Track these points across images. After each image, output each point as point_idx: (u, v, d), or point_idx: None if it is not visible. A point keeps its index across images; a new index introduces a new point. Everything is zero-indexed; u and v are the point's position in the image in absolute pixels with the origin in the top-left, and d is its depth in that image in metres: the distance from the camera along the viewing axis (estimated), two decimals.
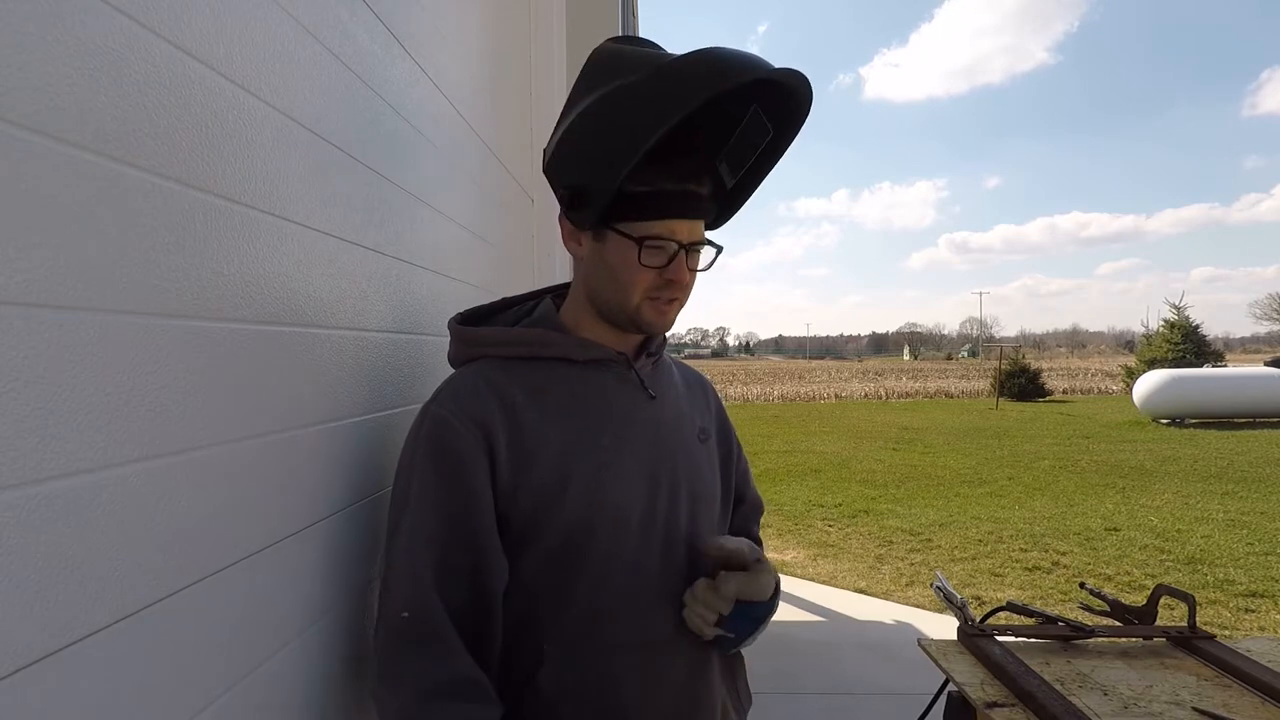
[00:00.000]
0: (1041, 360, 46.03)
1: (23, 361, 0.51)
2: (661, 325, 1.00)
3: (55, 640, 0.54)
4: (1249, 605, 4.56)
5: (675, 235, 0.94)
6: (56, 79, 0.54)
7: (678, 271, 0.95)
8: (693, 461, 1.05)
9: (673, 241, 0.94)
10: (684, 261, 0.95)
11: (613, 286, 0.97)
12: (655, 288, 0.96)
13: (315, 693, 0.93)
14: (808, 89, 0.94)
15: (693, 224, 0.96)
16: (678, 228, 0.94)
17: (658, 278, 0.95)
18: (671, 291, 0.97)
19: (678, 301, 0.99)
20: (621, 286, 0.96)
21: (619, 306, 0.98)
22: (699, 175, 0.96)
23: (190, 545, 0.69)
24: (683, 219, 0.94)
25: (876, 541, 6.17)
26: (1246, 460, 9.93)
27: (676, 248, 0.95)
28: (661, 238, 0.93)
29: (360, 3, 1.10)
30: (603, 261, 0.98)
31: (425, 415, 0.96)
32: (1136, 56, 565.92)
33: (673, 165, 0.93)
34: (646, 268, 0.94)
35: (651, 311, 0.98)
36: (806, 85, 0.94)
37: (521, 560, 0.95)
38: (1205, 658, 1.29)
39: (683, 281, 0.96)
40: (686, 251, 0.95)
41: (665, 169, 0.93)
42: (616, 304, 0.98)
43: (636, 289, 0.96)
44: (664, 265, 0.95)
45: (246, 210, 0.79)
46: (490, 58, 1.96)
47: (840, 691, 3.19)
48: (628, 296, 0.96)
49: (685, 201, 0.94)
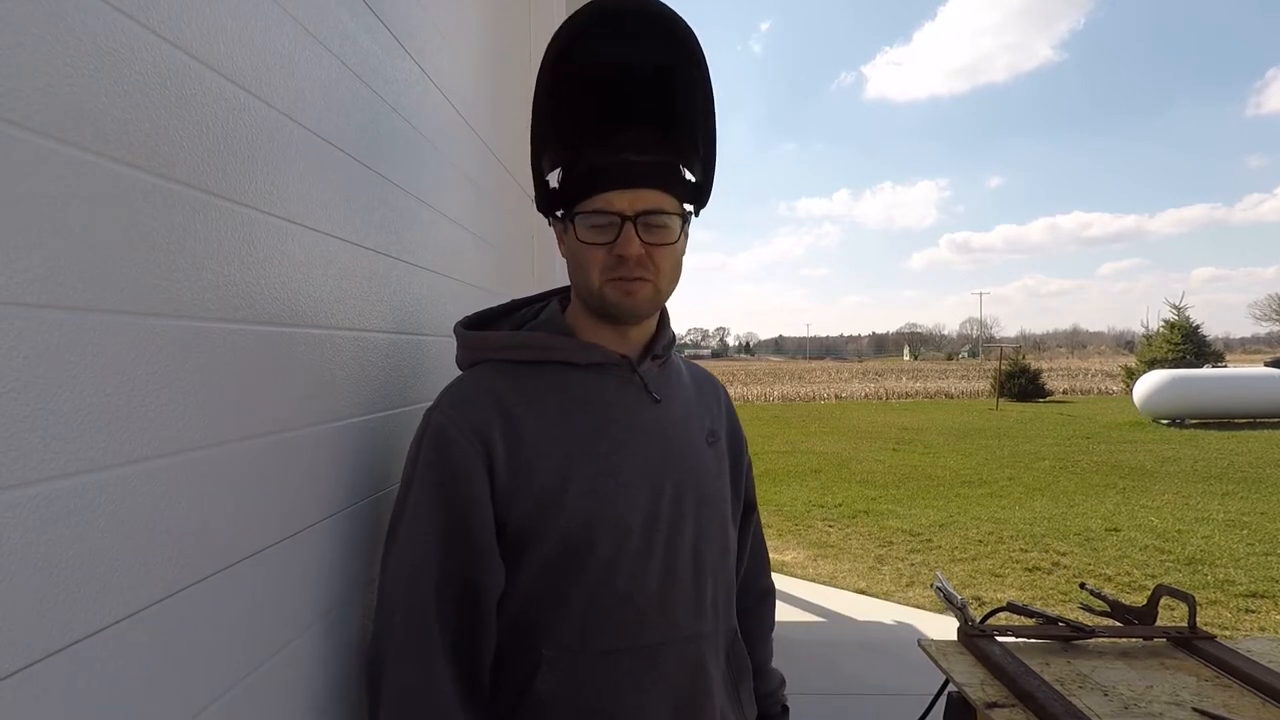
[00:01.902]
0: (1041, 361, 46.02)
1: (23, 361, 0.51)
2: (629, 306, 0.97)
3: (56, 640, 0.54)
4: (1249, 605, 4.56)
5: (613, 206, 0.93)
6: (56, 79, 0.54)
7: (623, 245, 0.93)
8: (700, 465, 1.04)
9: (612, 214, 0.93)
10: (632, 233, 0.93)
11: (578, 273, 0.99)
12: (610, 266, 0.95)
13: (318, 692, 0.93)
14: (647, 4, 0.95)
15: (636, 194, 0.94)
16: (615, 199, 0.93)
17: (608, 255, 0.95)
18: (626, 268, 0.94)
19: (643, 281, 0.96)
20: (583, 271, 0.97)
21: (588, 293, 0.98)
22: (639, 145, 0.95)
23: (191, 545, 0.69)
24: (621, 189, 0.94)
25: (876, 542, 6.17)
26: (1246, 460, 9.93)
27: (619, 219, 0.93)
28: (600, 211, 0.94)
29: (361, 3, 1.10)
30: (567, 251, 1.00)
31: (428, 421, 0.96)
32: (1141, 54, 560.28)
33: (607, 139, 0.95)
34: (593, 245, 0.95)
35: (615, 292, 0.96)
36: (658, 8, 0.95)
37: (520, 565, 0.94)
38: (1205, 658, 1.29)
39: (630, 254, 0.93)
40: (635, 223, 0.93)
41: (599, 144, 0.95)
42: (586, 291, 0.99)
43: (593, 269, 0.95)
44: (611, 240, 0.94)
45: (247, 211, 0.79)
46: (490, 58, 1.96)
47: (840, 691, 3.18)
48: (589, 279, 0.96)
49: (621, 171, 0.94)
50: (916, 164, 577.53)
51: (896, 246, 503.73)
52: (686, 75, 0.97)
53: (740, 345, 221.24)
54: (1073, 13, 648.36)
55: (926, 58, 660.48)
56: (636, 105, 0.97)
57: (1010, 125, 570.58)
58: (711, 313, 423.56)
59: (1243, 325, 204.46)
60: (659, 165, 0.96)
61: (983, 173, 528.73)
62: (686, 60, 0.97)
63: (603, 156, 0.95)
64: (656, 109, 0.97)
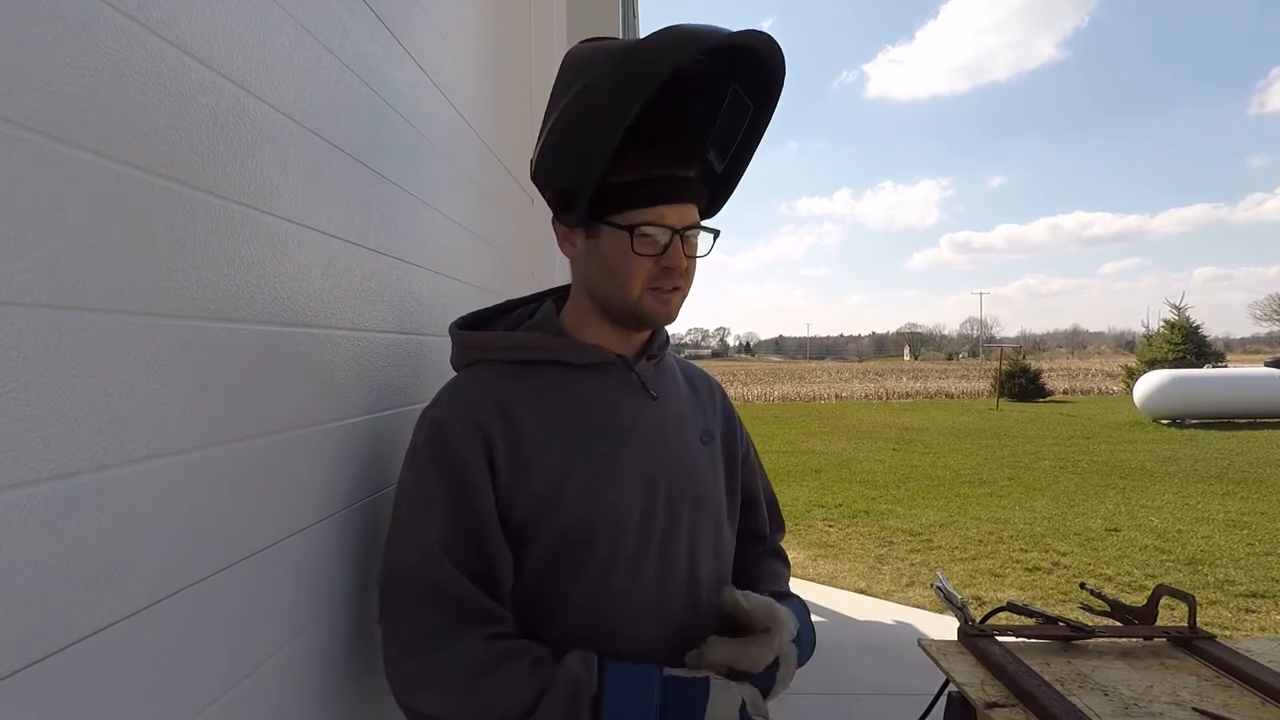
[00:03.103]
0: (1042, 361, 46.02)
1: (23, 361, 0.51)
2: (665, 316, 0.99)
3: (56, 640, 0.54)
4: (1249, 605, 4.55)
5: (666, 220, 0.94)
6: (56, 79, 0.54)
7: (674, 258, 0.95)
8: (695, 464, 1.05)
9: (664, 227, 0.94)
10: (679, 247, 0.95)
11: (611, 281, 0.97)
12: (654, 277, 0.96)
13: (318, 691, 0.93)
14: (776, 50, 0.95)
15: (683, 209, 0.95)
16: (668, 213, 0.94)
17: (655, 266, 0.95)
18: (671, 280, 0.96)
19: (679, 291, 0.98)
20: (620, 280, 0.96)
21: (620, 301, 0.98)
22: (685, 160, 0.96)
23: (191, 545, 0.69)
24: (672, 204, 0.94)
25: (877, 542, 6.17)
26: (1246, 460, 9.93)
27: (670, 234, 0.94)
28: (652, 224, 0.94)
29: (361, 3, 1.10)
30: (598, 257, 0.98)
31: (424, 420, 0.96)
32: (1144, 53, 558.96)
33: (657, 152, 0.94)
34: (641, 256, 0.94)
35: (654, 302, 0.97)
36: (774, 46, 0.95)
37: (519, 563, 0.94)
38: (1205, 658, 1.29)
39: (680, 267, 0.95)
40: (681, 237, 0.95)
41: (650, 156, 0.94)
42: (618, 299, 0.98)
43: (635, 280, 0.95)
44: (659, 253, 0.95)
45: (247, 210, 0.79)
46: (490, 58, 1.96)
47: (840, 691, 3.18)
48: (628, 289, 0.96)
49: (673, 186, 0.94)
50: (918, 163, 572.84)
51: (897, 246, 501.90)
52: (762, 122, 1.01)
53: (740, 345, 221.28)
54: (1077, 10, 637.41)
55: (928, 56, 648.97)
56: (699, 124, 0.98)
57: (1012, 124, 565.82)
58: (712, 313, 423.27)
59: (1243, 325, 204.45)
60: (699, 180, 0.99)
61: (984, 172, 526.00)
62: (768, 111, 1.00)
63: (654, 168, 0.94)
64: (721, 138, 1.00)
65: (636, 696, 0.86)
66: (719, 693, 0.89)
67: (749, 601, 0.97)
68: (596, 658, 0.88)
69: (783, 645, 0.96)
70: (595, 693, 0.85)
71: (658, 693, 0.87)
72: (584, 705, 0.84)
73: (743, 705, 0.90)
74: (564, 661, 0.87)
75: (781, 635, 0.95)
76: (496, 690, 0.84)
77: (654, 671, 0.90)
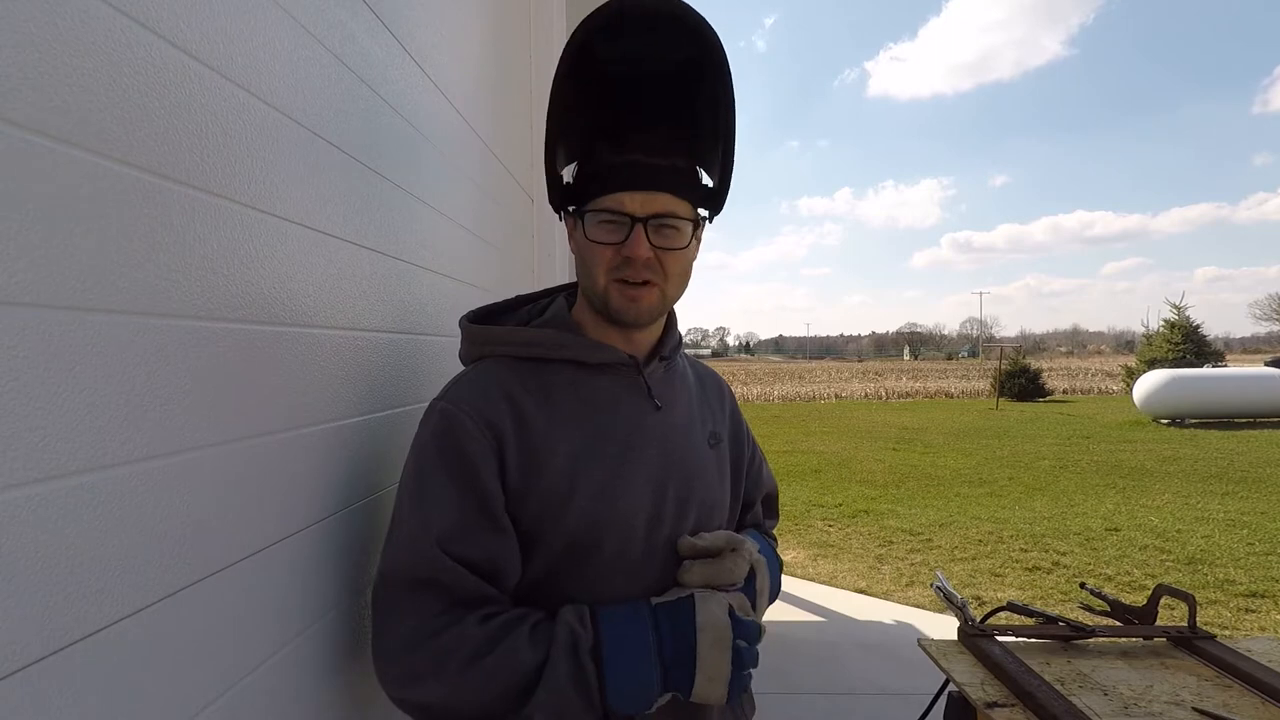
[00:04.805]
0: (1042, 360, 46.02)
1: (23, 361, 0.51)
2: (632, 313, 0.96)
3: (56, 640, 0.54)
4: (1249, 605, 4.55)
5: (624, 207, 0.92)
6: (56, 79, 0.54)
7: (632, 246, 0.92)
8: (702, 468, 1.04)
9: (622, 214, 0.92)
10: (641, 235, 0.92)
11: (583, 271, 0.98)
12: (615, 267, 0.94)
13: (318, 691, 0.93)
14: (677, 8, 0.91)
15: (649, 196, 0.93)
16: (626, 200, 0.92)
17: (615, 255, 0.94)
18: (633, 271, 0.93)
19: (650, 286, 0.95)
20: (589, 269, 0.96)
21: (592, 292, 0.98)
22: (652, 147, 0.94)
23: (190, 545, 0.69)
24: (634, 191, 0.92)
25: (876, 541, 6.17)
26: (1246, 460, 9.93)
27: (629, 220, 0.92)
28: (610, 210, 0.93)
29: (361, 3, 1.10)
30: (574, 248, 1.00)
31: (434, 412, 0.94)
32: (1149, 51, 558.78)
33: (622, 141, 0.94)
34: (600, 244, 0.94)
35: (620, 297, 0.95)
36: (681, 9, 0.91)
37: (524, 562, 0.94)
38: (1205, 658, 1.29)
39: (638, 256, 0.92)
40: (645, 226, 0.93)
41: (613, 144, 0.94)
42: (590, 290, 0.98)
43: (599, 269, 0.95)
44: (620, 241, 0.93)
45: (247, 210, 0.79)
46: (490, 58, 1.96)
47: (840, 691, 3.18)
48: (595, 279, 0.96)
49: (635, 173, 0.93)
50: (920, 162, 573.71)
51: (898, 246, 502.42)
52: (707, 77, 0.95)
53: (740, 345, 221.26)
54: (1083, 7, 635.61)
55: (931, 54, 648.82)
56: (654, 105, 0.95)
57: (1016, 123, 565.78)
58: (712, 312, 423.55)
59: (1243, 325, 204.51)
60: (673, 169, 0.95)
61: (986, 171, 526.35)
62: (708, 61, 0.94)
63: (616, 155, 0.94)
64: (675, 110, 0.96)
65: (631, 635, 0.88)
66: (704, 601, 0.91)
67: (705, 540, 0.99)
68: (588, 610, 0.90)
69: (752, 553, 1.00)
70: (593, 644, 0.87)
71: (650, 625, 0.89)
72: (586, 658, 0.85)
73: (731, 610, 0.92)
74: (560, 618, 0.88)
75: (747, 545, 1.00)
76: (499, 667, 0.84)
77: (642, 606, 0.92)
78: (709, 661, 0.88)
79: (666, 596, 0.93)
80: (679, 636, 0.88)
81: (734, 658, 0.89)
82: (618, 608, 0.91)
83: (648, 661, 0.87)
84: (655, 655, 0.87)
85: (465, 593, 0.87)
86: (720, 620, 0.89)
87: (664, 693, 0.88)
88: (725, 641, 0.88)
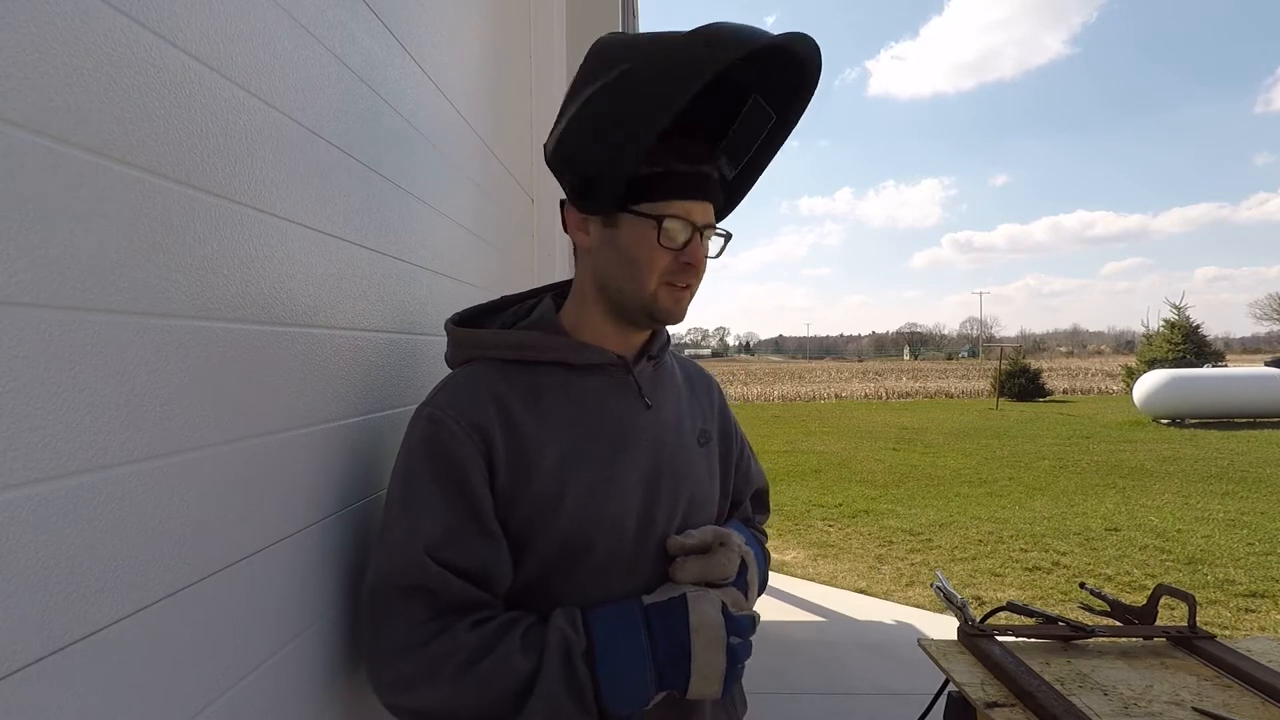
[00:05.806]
0: (1042, 360, 46.01)
1: (23, 361, 0.51)
2: (677, 313, 0.98)
3: (56, 640, 0.54)
4: (1249, 605, 4.55)
5: (690, 216, 0.93)
6: (56, 79, 0.54)
7: (694, 252, 0.94)
8: (692, 466, 1.04)
9: (688, 222, 0.93)
10: (699, 243, 0.95)
11: (627, 271, 0.95)
12: (671, 271, 0.95)
13: (317, 692, 0.93)
14: (815, 53, 0.93)
15: (705, 206, 0.95)
16: (692, 208, 0.94)
17: (674, 260, 0.94)
18: (687, 276, 0.95)
19: (691, 289, 0.98)
20: (637, 271, 0.95)
21: (633, 294, 0.96)
22: (707, 158, 0.96)
23: (190, 545, 0.69)
24: (696, 200, 0.94)
25: (876, 541, 6.17)
26: (1246, 460, 9.93)
27: (691, 229, 0.94)
28: (678, 217, 0.93)
29: (361, 3, 1.10)
30: (616, 247, 0.95)
31: (421, 418, 0.94)
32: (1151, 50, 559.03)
33: (684, 147, 0.93)
34: (664, 248, 0.93)
35: (668, 298, 0.96)
36: (813, 49, 0.92)
37: (515, 565, 0.94)
38: (1205, 658, 1.29)
39: (699, 264, 0.95)
40: (701, 234, 0.95)
41: (677, 150, 0.93)
42: (631, 291, 0.96)
43: (653, 272, 0.94)
44: (680, 247, 0.94)
45: (246, 210, 0.79)
46: (490, 58, 1.96)
47: (840, 691, 3.19)
48: (644, 282, 0.95)
49: (698, 183, 0.94)
50: (921, 162, 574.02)
51: (899, 246, 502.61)
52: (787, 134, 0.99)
53: (740, 345, 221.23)
54: (1086, 6, 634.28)
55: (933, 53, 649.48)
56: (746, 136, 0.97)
57: (1017, 122, 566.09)
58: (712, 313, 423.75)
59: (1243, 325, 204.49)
60: (721, 180, 0.98)
61: (987, 171, 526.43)
62: (794, 121, 0.99)
63: (681, 163, 0.93)
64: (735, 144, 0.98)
65: (623, 637, 0.88)
66: (697, 600, 0.91)
67: (693, 537, 0.99)
68: (579, 613, 0.90)
69: (741, 547, 1.00)
70: (585, 647, 0.87)
71: (643, 626, 0.89)
72: (579, 662, 0.85)
73: (724, 607, 0.92)
74: (551, 623, 0.88)
75: (734, 539, 1.00)
76: (493, 672, 0.84)
77: (634, 607, 0.92)
78: (704, 660, 0.88)
79: (659, 595, 0.93)
80: (672, 637, 0.89)
81: (728, 654, 0.89)
82: (609, 610, 0.91)
83: (641, 663, 0.87)
84: (649, 657, 0.88)
85: (453, 599, 0.87)
86: (714, 620, 0.90)
87: (659, 692, 0.88)
88: (719, 641, 0.89)
